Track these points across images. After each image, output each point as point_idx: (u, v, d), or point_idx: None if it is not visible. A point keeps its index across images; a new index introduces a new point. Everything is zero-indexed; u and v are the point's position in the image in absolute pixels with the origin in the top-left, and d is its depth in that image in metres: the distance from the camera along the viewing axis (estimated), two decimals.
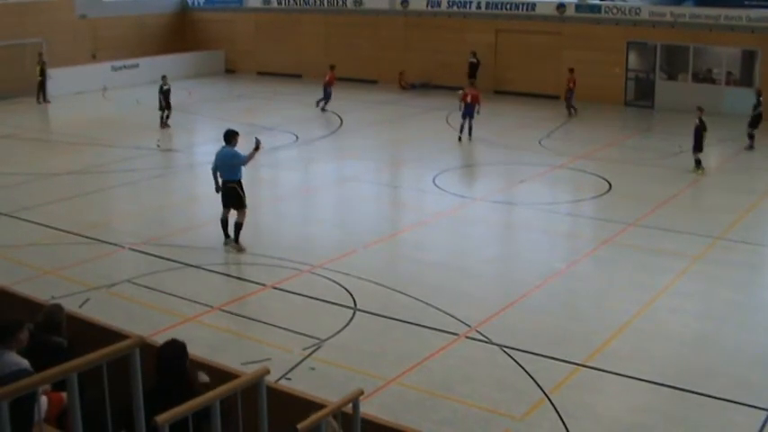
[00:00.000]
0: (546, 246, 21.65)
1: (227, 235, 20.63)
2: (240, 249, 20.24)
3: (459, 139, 32.78)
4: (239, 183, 20.31)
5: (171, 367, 8.10)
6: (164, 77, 35.95)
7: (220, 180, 20.34)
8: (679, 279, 18.56)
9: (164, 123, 35.71)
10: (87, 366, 6.37)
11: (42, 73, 42.24)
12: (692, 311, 16.96)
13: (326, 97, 39.01)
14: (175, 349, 8.34)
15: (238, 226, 20.38)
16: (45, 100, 42.20)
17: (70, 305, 12.58)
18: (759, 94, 33.15)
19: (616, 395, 13.77)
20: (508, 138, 34.15)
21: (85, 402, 6.95)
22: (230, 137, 20.39)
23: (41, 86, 42.32)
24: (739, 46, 39.84)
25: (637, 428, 12.52)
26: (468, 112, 32.74)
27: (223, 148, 20.39)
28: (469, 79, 38.58)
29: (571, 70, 39.47)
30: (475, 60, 44.08)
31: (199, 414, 6.47)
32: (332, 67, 39.77)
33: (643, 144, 32.92)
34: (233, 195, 20.28)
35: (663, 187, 26.29)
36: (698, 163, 27.99)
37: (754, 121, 32.62)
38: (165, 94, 35.57)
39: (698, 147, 27.96)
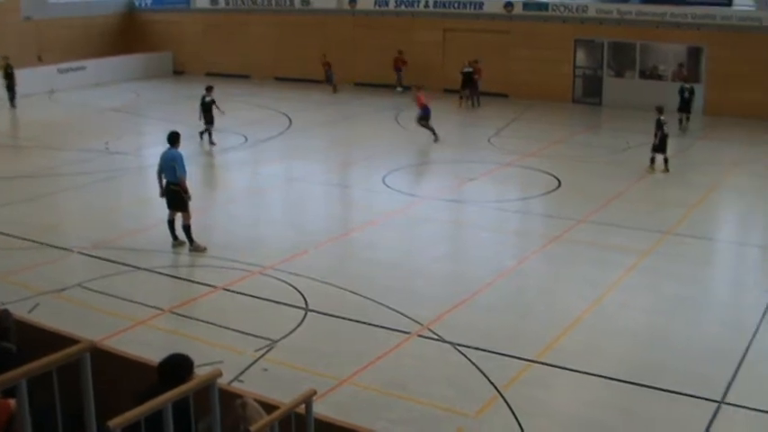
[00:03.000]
0: (496, 243, 21.74)
1: (174, 237, 20.61)
2: (200, 249, 20.26)
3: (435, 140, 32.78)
4: (177, 185, 20.20)
5: (172, 376, 7.92)
6: (208, 88, 32.32)
7: (164, 181, 20.30)
8: (629, 274, 18.71)
9: (210, 140, 32.09)
10: (37, 372, 6.32)
11: (9, 77, 41.35)
12: (641, 306, 17.11)
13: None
14: (179, 360, 8.20)
15: (186, 228, 20.34)
16: (12, 105, 41.28)
17: (19, 310, 12.46)
18: (689, 83, 35.43)
19: (568, 391, 13.86)
20: (457, 136, 34.27)
21: (35, 409, 6.89)
22: (174, 139, 20.36)
23: (11, 91, 41.29)
24: (685, 42, 40.22)
25: (589, 423, 12.62)
26: (425, 113, 32.86)
27: (168, 149, 20.31)
28: (462, 90, 38.02)
29: (475, 62, 40.49)
30: (470, 69, 41.60)
31: (176, 416, 6.44)
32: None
33: (592, 141, 33.18)
34: (176, 197, 20.26)
35: (612, 183, 26.50)
36: (652, 161, 28.18)
37: (686, 106, 34.93)
38: (206, 107, 31.86)
39: (656, 145, 28.17)
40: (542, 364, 14.37)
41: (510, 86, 39.82)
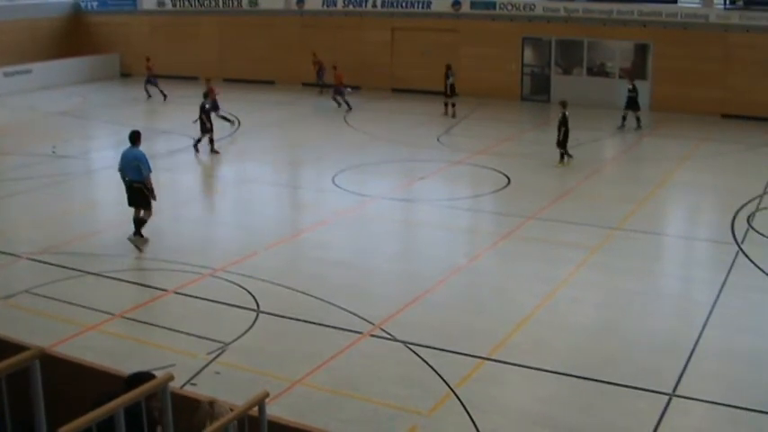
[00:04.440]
0: (447, 241, 21.79)
1: (140, 234, 20.85)
2: (142, 242, 20.52)
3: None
4: (143, 182, 20.45)
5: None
6: (206, 94, 31.66)
7: (126, 179, 20.65)
8: (579, 270, 18.84)
9: (205, 146, 30.97)
10: None
11: None
12: (592, 301, 17.24)
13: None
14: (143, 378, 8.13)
15: (141, 222, 20.73)
16: None
17: None
18: (632, 80, 35.73)
19: (521, 387, 13.93)
20: (406, 135, 34.29)
21: None
22: (135, 138, 20.59)
23: None
24: (632, 40, 40.55)
25: (543, 419, 12.67)
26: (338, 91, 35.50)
27: (129, 149, 20.58)
28: (446, 99, 38.28)
29: (314, 54, 42.25)
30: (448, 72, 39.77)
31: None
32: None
33: (540, 138, 33.28)
34: (139, 195, 20.55)
35: (560, 180, 26.69)
36: (562, 156, 28.52)
37: (631, 104, 35.07)
38: (207, 114, 30.80)
39: (560, 141, 28.43)
40: (495, 361, 14.42)
41: (458, 85, 39.78)
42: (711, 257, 20.63)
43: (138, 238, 20.62)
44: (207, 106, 30.56)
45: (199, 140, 30.73)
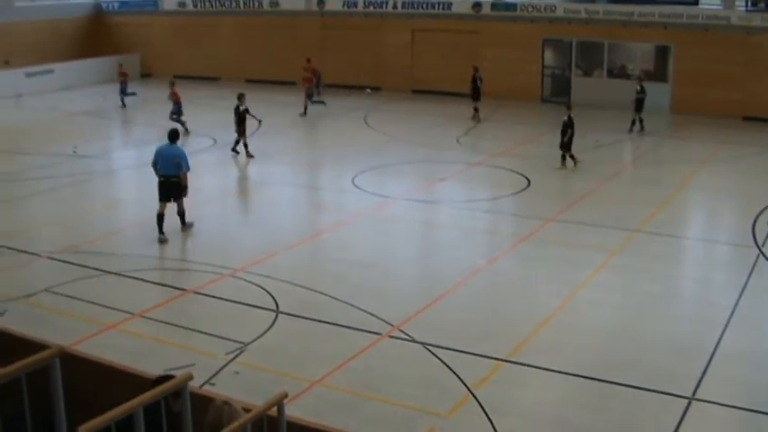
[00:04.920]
0: (467, 243, 21.77)
1: (161, 231, 21.23)
2: (191, 226, 22.00)
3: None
4: (179, 177, 21.25)
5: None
6: (240, 96, 30.43)
7: (158, 176, 21.39)
8: (598, 272, 18.80)
9: (241, 150, 30.53)
10: (5, 379, 6.28)
11: None
12: (611, 304, 17.20)
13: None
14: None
15: (182, 214, 21.68)
16: None
17: None
18: (641, 81, 35.36)
19: (540, 389, 13.90)
20: (426, 137, 34.27)
21: (4, 416, 6.85)
22: (174, 136, 21.74)
23: None
24: (653, 41, 40.44)
25: (562, 421, 12.65)
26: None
27: (167, 145, 21.51)
28: (475, 101, 37.83)
29: (308, 60, 41.28)
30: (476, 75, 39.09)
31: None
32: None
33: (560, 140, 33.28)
34: (174, 188, 21.31)
35: (580, 182, 26.62)
36: (563, 158, 28.36)
37: (638, 106, 34.71)
38: (240, 116, 30.19)
39: (564, 143, 28.26)
40: (514, 362, 14.41)
41: (470, 84, 39.71)
42: (731, 260, 20.54)
43: (188, 226, 21.89)
44: (241, 108, 30.17)
45: (237, 143, 30.53)
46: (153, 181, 21.75)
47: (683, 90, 39.09)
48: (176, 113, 34.60)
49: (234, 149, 30.62)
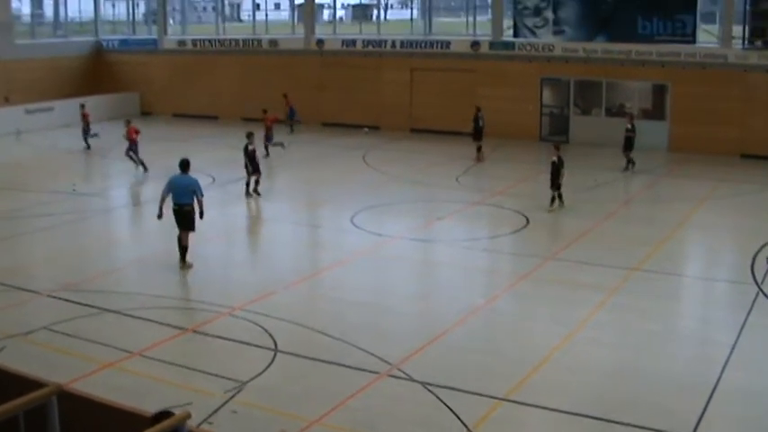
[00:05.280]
0: (465, 282, 21.77)
1: (184, 260, 22.14)
2: (189, 266, 22.09)
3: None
4: (192, 206, 22.00)
5: None
6: (249, 135, 30.45)
7: (172, 204, 22.02)
8: (597, 311, 18.77)
9: (254, 190, 30.47)
10: (3, 417, 6.27)
11: None
12: (611, 343, 17.16)
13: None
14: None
15: (184, 249, 22.10)
16: None
17: None
18: (631, 119, 35.44)
19: (539, 428, 13.88)
20: (425, 175, 34.34)
21: None
22: (186, 165, 22.33)
23: None
24: (650, 80, 40.59)
25: None
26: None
27: (180, 175, 22.16)
28: (475, 142, 37.57)
29: (285, 95, 44.00)
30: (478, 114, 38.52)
31: None
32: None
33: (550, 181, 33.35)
34: (187, 217, 22.00)
35: (579, 221, 26.62)
36: (553, 200, 28.19)
37: (628, 144, 34.76)
38: (250, 156, 30.24)
39: (554, 183, 28.12)
40: (513, 402, 14.36)
41: (472, 124, 39.83)
42: (731, 298, 20.53)
43: (185, 264, 22.04)
44: (250, 148, 30.14)
45: (248, 183, 30.39)
46: (152, 219, 21.80)
47: (681, 128, 39.21)
48: (132, 150, 35.15)
49: (255, 191, 30.44)
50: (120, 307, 19.11)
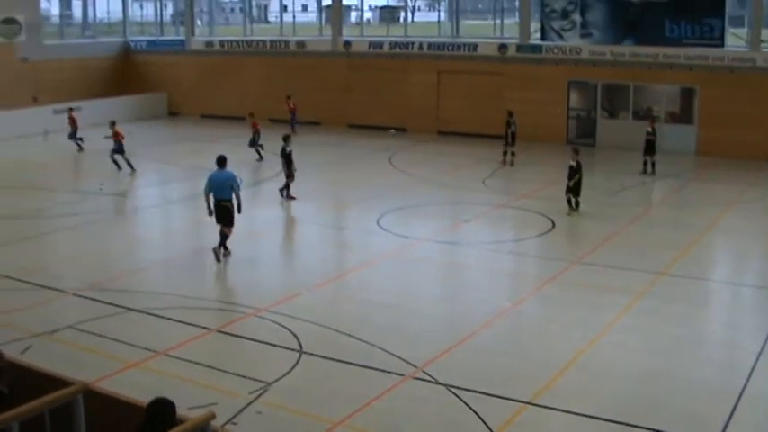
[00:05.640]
0: (491, 285, 21.73)
1: (225, 248, 22.71)
2: (225, 254, 22.71)
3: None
4: (231, 202, 22.49)
5: (160, 422, 7.93)
6: (285, 138, 30.53)
7: (212, 199, 22.57)
8: (624, 315, 18.67)
9: (287, 195, 30.25)
10: (29, 414, 6.28)
11: None
12: (637, 347, 17.05)
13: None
14: (164, 406, 8.19)
15: (224, 237, 22.54)
16: None
17: (11, 352, 12.41)
18: (652, 123, 35.58)
19: None
20: (451, 178, 34.30)
21: None
22: (223, 161, 22.97)
23: None
24: (678, 83, 40.39)
25: None
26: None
27: (218, 171, 22.75)
28: (506, 147, 37.29)
29: (288, 97, 44.89)
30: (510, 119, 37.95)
31: None
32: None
33: (585, 182, 33.08)
34: (226, 212, 22.49)
35: (605, 224, 26.50)
36: (569, 202, 28.01)
37: (649, 148, 34.66)
38: (287, 158, 30.02)
39: (573, 187, 27.88)
40: (538, 405, 14.30)
41: (504, 128, 39.74)
42: (758, 303, 20.40)
43: (221, 249, 22.59)
44: (288, 150, 30.04)
45: (286, 186, 30.26)
46: (179, 219, 21.82)
47: (709, 132, 38.99)
48: (117, 152, 35.29)
49: (288, 195, 30.28)
50: (145, 306, 19.15)
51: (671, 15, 40.08)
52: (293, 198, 30.00)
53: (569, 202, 27.87)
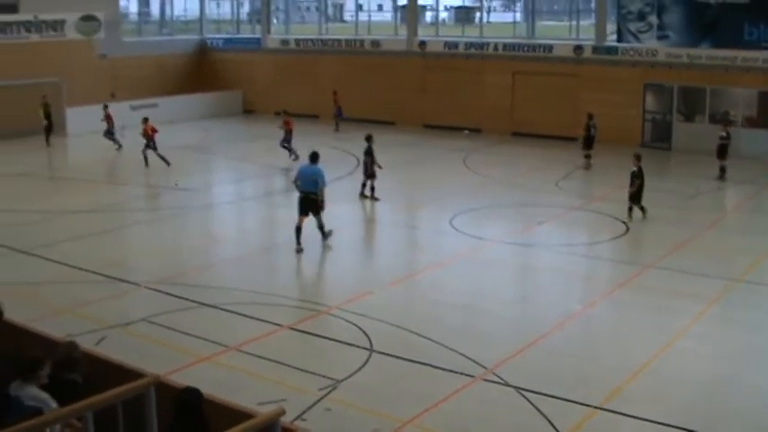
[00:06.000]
0: (563, 287, 21.59)
1: (299, 242, 23.29)
2: (330, 235, 24.02)
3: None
4: (317, 195, 23.39)
5: (188, 412, 8.04)
6: (368, 138, 30.45)
7: (300, 192, 23.67)
8: (697, 321, 18.44)
9: (370, 195, 30.10)
10: (103, 405, 6.35)
11: (48, 116, 42.13)
12: (709, 354, 16.84)
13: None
14: (192, 395, 8.29)
15: (321, 227, 23.67)
16: (48, 144, 42.04)
17: (86, 343, 12.57)
18: (726, 126, 35.18)
19: None
20: (525, 179, 34.15)
21: None
22: (316, 157, 24.06)
23: (48, 130, 42.25)
24: (756, 87, 39.78)
25: None
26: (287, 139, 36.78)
27: (308, 165, 23.91)
28: (586, 150, 36.92)
29: (334, 92, 45.72)
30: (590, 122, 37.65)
31: None
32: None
33: (660, 186, 32.71)
34: (311, 204, 23.42)
35: (679, 229, 26.18)
36: (630, 210, 27.26)
37: (721, 152, 34.12)
38: (372, 157, 30.10)
39: (634, 195, 27.20)
40: (608, 410, 14.17)
41: (578, 130, 39.49)
42: None
43: (327, 235, 23.89)
44: (372, 148, 30.06)
45: (372, 187, 30.21)
46: (252, 216, 21.91)
47: None
48: (151, 147, 35.71)
49: (371, 195, 30.19)
50: (217, 301, 19.31)
51: (750, 17, 39.43)
52: (377, 199, 30.00)
53: (630, 210, 27.26)
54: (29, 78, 43.88)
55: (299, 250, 23.15)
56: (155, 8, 64.00)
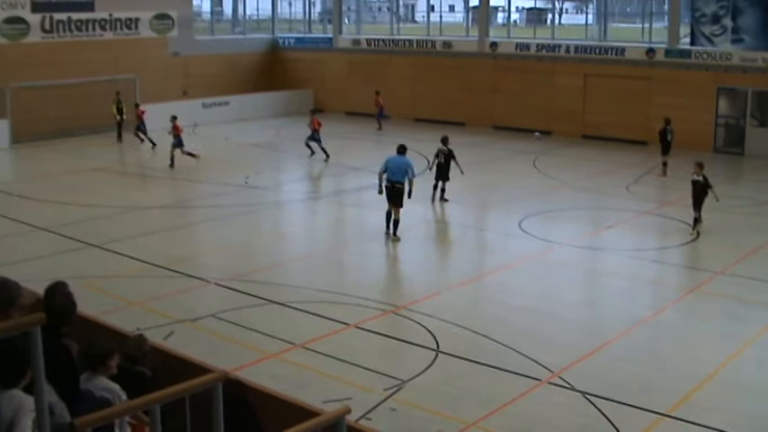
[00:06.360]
0: (631, 293, 21.40)
1: (388, 227, 24.62)
2: (396, 240, 24.42)
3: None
4: (404, 185, 24.22)
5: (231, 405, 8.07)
6: (444, 140, 30.53)
7: (386, 182, 24.53)
8: (766, 330, 18.19)
9: (440, 198, 30.01)
10: (171, 398, 6.40)
11: (120, 112, 42.59)
12: None
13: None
14: (233, 387, 8.34)
15: (396, 222, 24.46)
16: (120, 140, 42.66)
17: (155, 337, 12.74)
18: None
19: None
20: (595, 183, 33.92)
21: None
22: (404, 149, 25.12)
23: (120, 126, 42.78)
24: None
25: None
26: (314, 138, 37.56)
27: (397, 156, 24.79)
28: (664, 156, 35.96)
29: (377, 92, 46.15)
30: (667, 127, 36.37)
31: None
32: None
33: (732, 191, 32.34)
34: (399, 194, 24.28)
35: (752, 236, 25.83)
36: (695, 221, 26.11)
37: None
38: (447, 159, 30.03)
39: (697, 203, 26.05)
40: (674, 418, 14.05)
41: (649, 134, 39.13)
42: None
43: (395, 237, 24.42)
44: (447, 150, 29.99)
45: (435, 187, 30.06)
46: (322, 215, 21.98)
47: None
48: (177, 146, 35.80)
49: (442, 197, 30.05)
50: (285, 299, 19.43)
51: None
52: (447, 200, 29.95)
53: (696, 219, 26.18)
54: (103, 75, 44.48)
55: (388, 234, 24.57)
56: (227, 7, 64.59)
